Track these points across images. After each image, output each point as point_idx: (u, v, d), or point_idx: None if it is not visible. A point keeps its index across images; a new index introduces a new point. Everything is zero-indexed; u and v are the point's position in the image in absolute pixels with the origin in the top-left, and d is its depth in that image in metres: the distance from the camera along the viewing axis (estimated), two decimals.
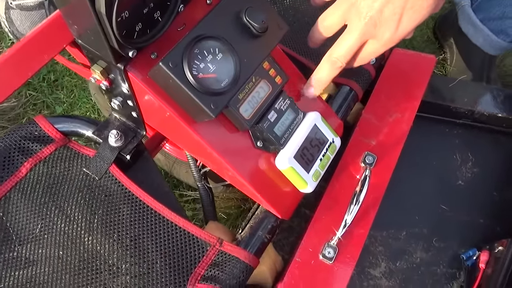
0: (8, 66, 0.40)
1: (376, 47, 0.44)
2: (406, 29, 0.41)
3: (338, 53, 0.44)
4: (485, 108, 0.69)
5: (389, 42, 0.43)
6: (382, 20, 0.40)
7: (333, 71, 0.46)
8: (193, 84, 0.39)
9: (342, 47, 0.44)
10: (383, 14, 0.40)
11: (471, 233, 0.64)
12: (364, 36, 0.43)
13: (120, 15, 0.34)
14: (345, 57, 0.44)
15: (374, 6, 0.40)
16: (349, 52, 0.44)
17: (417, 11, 0.40)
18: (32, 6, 0.96)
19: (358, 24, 0.42)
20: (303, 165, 0.48)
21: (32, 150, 0.51)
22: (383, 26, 0.41)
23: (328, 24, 0.45)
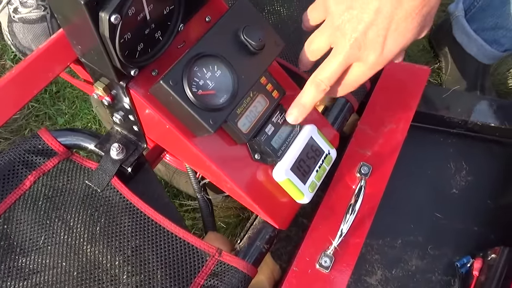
0: (14, 85, 0.41)
1: (362, 70, 0.43)
2: (391, 52, 0.41)
3: (322, 75, 0.44)
4: (478, 118, 0.70)
5: (375, 64, 0.42)
6: (366, 42, 0.40)
7: (317, 94, 0.45)
8: (192, 100, 0.40)
9: (327, 69, 0.43)
10: (367, 36, 0.40)
11: (466, 241, 0.65)
12: (349, 59, 0.42)
13: (123, 37, 0.35)
14: (329, 79, 0.44)
15: (358, 28, 0.40)
16: (334, 74, 0.43)
17: (401, 33, 0.39)
18: (34, 19, 0.97)
19: (343, 46, 0.41)
20: (299, 177, 0.49)
21: (35, 163, 0.53)
22: (368, 48, 0.40)
23: (315, 48, 0.45)
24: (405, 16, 0.38)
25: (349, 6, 0.40)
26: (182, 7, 0.41)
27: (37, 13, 0.97)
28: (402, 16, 0.38)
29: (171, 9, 0.40)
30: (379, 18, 0.39)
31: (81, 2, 0.31)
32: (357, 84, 0.45)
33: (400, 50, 0.41)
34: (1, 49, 1.06)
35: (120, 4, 0.32)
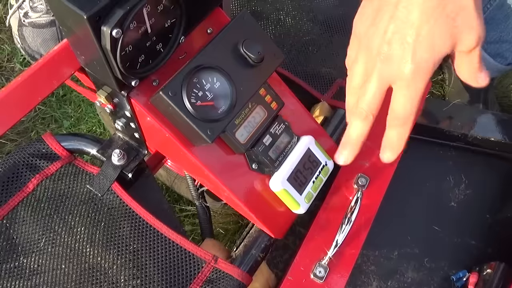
0: (20, 91, 0.42)
1: (403, 92, 0.38)
2: (424, 60, 0.36)
3: (362, 103, 0.40)
4: (478, 131, 0.70)
5: (412, 79, 0.37)
6: (393, 53, 0.37)
7: (363, 124, 0.42)
8: (191, 111, 0.41)
9: (365, 95, 0.40)
10: (392, 46, 0.37)
11: (462, 255, 0.65)
12: (382, 75, 0.38)
13: (124, 49, 0.36)
14: (370, 105, 0.40)
15: (382, 41, 0.37)
16: (374, 98, 0.40)
17: (426, 38, 0.36)
18: (44, 24, 1.00)
19: (373, 64, 0.38)
20: (296, 187, 0.50)
21: (39, 166, 0.54)
22: (397, 60, 0.37)
23: (356, 83, 0.41)
24: (426, 19, 0.35)
25: (372, 23, 0.39)
26: (183, 20, 0.42)
27: (46, 18, 1.00)
28: (423, 18, 0.35)
29: (173, 22, 0.41)
30: (399, 25, 0.36)
31: (84, 17, 0.32)
32: (406, 113, 0.40)
33: (434, 59, 0.37)
34: (11, 52, 1.08)
35: (122, 18, 0.34)
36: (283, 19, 0.87)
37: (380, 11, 0.38)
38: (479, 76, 0.40)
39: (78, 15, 0.32)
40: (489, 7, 0.96)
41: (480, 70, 0.39)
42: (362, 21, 0.40)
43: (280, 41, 0.83)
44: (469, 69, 0.39)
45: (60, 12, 0.35)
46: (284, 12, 0.88)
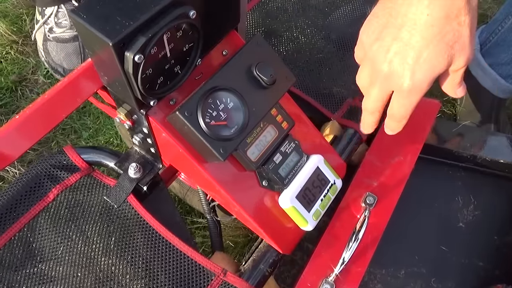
0: (45, 108, 0.45)
1: (399, 100, 0.44)
2: (420, 80, 0.41)
3: (366, 104, 0.48)
4: (487, 153, 0.71)
5: (408, 93, 0.42)
6: (393, 70, 0.42)
7: (373, 117, 0.49)
8: (205, 130, 0.43)
9: (368, 99, 0.47)
10: (393, 64, 0.41)
11: (470, 276, 0.65)
12: (383, 87, 0.44)
13: (145, 72, 0.39)
14: (373, 107, 0.47)
15: (386, 58, 0.42)
16: (376, 102, 0.46)
17: (426, 61, 0.40)
18: (67, 38, 1.04)
19: (376, 76, 0.44)
20: (304, 205, 0.51)
21: (59, 177, 0.56)
22: (397, 77, 0.42)
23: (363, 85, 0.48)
24: (427, 44, 0.39)
25: (377, 38, 0.42)
26: (200, 44, 0.44)
27: (70, 33, 1.04)
28: (423, 43, 0.39)
29: (190, 46, 0.43)
30: (401, 47, 0.40)
31: (109, 44, 0.34)
32: (400, 115, 0.46)
33: (430, 79, 0.41)
34: (35, 65, 1.13)
35: (144, 45, 0.36)
36: (297, 36, 0.89)
37: (386, 28, 0.42)
38: (458, 89, 0.45)
39: (103, 41, 0.35)
40: (500, 29, 0.97)
41: (460, 84, 0.45)
42: (368, 33, 0.44)
43: (293, 59, 0.85)
44: (452, 83, 0.44)
45: (86, 36, 0.37)
46: (298, 30, 0.90)
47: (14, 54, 1.12)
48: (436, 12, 0.38)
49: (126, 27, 0.35)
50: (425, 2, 0.38)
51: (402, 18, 0.40)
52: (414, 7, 0.39)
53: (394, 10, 0.41)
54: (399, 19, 0.40)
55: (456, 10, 0.38)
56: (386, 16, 0.41)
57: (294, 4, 0.92)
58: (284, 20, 0.90)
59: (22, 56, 1.13)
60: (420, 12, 0.39)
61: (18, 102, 1.06)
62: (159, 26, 0.37)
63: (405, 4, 0.40)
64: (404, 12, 0.40)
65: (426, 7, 0.38)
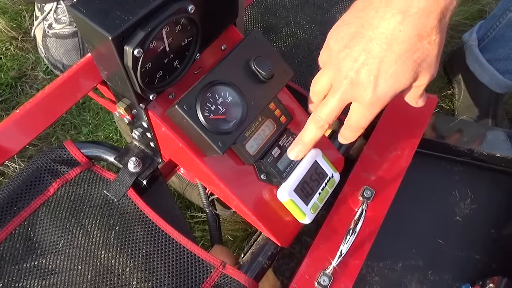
0: (45, 102, 0.46)
1: (360, 110, 0.44)
2: (384, 93, 0.41)
3: (321, 112, 0.45)
4: (484, 147, 0.71)
5: (370, 105, 0.42)
6: (359, 81, 0.41)
7: (317, 131, 0.47)
8: (204, 124, 0.44)
9: (326, 107, 0.45)
10: (359, 75, 0.41)
11: (466, 268, 0.66)
12: (345, 96, 0.43)
13: (144, 66, 0.39)
14: (327, 116, 0.45)
15: (352, 67, 0.41)
16: (332, 112, 0.45)
17: (393, 76, 0.40)
18: (67, 34, 1.04)
19: (339, 83, 0.42)
20: (302, 198, 0.52)
21: (60, 172, 0.57)
22: (361, 88, 0.41)
23: (319, 89, 0.47)
24: (395, 59, 0.39)
25: (345, 45, 0.41)
26: (199, 38, 0.44)
27: (69, 29, 1.04)
28: (392, 58, 0.39)
29: (189, 41, 0.44)
30: (370, 59, 0.40)
31: (108, 37, 0.35)
32: (359, 125, 0.45)
33: (394, 93, 0.41)
34: (35, 61, 1.13)
35: (143, 39, 0.36)
36: (295, 32, 0.89)
37: (356, 38, 0.41)
38: (419, 101, 0.46)
39: (103, 35, 0.35)
40: (498, 25, 0.97)
41: (420, 96, 0.46)
42: (337, 39, 0.43)
43: (291, 54, 0.85)
44: (414, 96, 0.45)
45: (86, 31, 0.38)
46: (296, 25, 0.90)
47: (13, 50, 1.12)
48: (408, 30, 0.38)
49: (126, 21, 0.35)
50: (398, 18, 0.38)
51: (373, 31, 0.39)
52: (386, 21, 0.38)
53: (366, 21, 0.40)
54: (370, 31, 0.40)
55: (429, 29, 0.38)
56: (357, 25, 0.41)
57: (293, 0, 0.92)
58: (282, 15, 0.90)
59: (22, 52, 1.13)
60: (392, 27, 0.38)
61: (18, 98, 1.07)
62: (158, 20, 0.37)
63: (377, 17, 0.39)
64: (376, 25, 0.39)
65: (399, 23, 0.38)
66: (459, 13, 1.29)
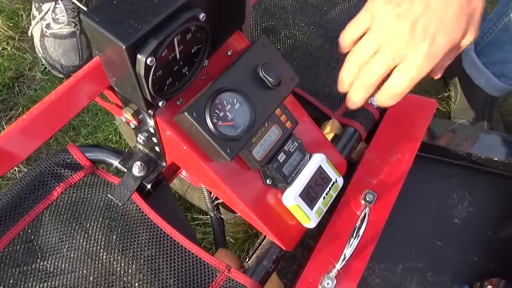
0: (53, 108, 0.45)
1: (408, 71, 0.42)
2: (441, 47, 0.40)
3: (369, 76, 0.44)
4: (482, 151, 0.73)
5: (422, 64, 0.41)
6: (415, 35, 0.40)
7: (367, 94, 0.46)
8: (212, 131, 0.44)
9: (375, 69, 0.43)
10: (415, 29, 0.40)
11: (465, 270, 0.67)
12: (397, 55, 0.42)
13: (155, 74, 0.39)
14: (376, 79, 0.44)
15: (407, 22, 0.40)
16: (381, 74, 0.43)
17: (449, 28, 0.39)
18: (65, 35, 1.04)
19: (391, 43, 0.41)
20: (307, 203, 0.52)
21: (63, 175, 0.57)
22: (416, 43, 0.40)
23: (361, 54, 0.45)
24: (454, 12, 0.39)
25: (398, 4, 0.41)
26: (208, 45, 0.45)
27: (67, 29, 1.04)
28: (452, 10, 0.39)
29: (199, 48, 0.44)
30: (428, 12, 0.39)
31: (122, 46, 0.35)
32: (403, 89, 0.43)
33: (449, 48, 0.41)
34: (33, 61, 1.12)
35: (156, 48, 0.37)
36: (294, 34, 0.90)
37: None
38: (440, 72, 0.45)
39: (116, 44, 0.35)
40: (494, 29, 0.98)
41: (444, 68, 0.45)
42: (386, 2, 0.42)
43: (290, 56, 0.86)
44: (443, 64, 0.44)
45: (97, 39, 0.38)
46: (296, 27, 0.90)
47: (10, 50, 1.11)
48: None
49: (139, 30, 0.36)
50: None
51: None
52: None
53: None
54: None
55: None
56: None
57: (292, 2, 0.92)
58: (281, 17, 0.90)
59: (19, 52, 1.12)
60: None
61: (16, 99, 1.06)
62: (171, 29, 0.37)
63: None
64: None
65: None
66: None
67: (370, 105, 0.70)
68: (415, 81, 0.43)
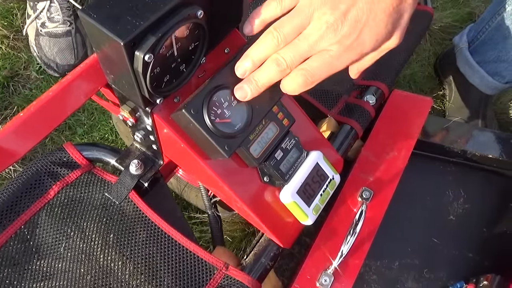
0: (50, 106, 0.45)
1: (327, 59, 0.41)
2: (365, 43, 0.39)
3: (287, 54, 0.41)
4: (477, 148, 0.73)
5: (342, 54, 0.40)
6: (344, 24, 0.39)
7: (277, 74, 0.43)
8: (210, 128, 0.44)
9: (295, 50, 0.41)
10: (347, 17, 0.38)
11: (460, 266, 0.68)
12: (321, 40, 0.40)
13: (153, 71, 0.39)
14: (293, 62, 0.41)
15: (339, 8, 0.38)
16: (300, 57, 0.41)
17: (377, 25, 0.38)
18: (60, 33, 1.03)
19: (318, 27, 0.39)
20: (304, 200, 0.53)
21: (60, 174, 0.57)
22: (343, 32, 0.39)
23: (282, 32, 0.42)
24: (383, 9, 0.38)
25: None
26: (206, 42, 0.45)
27: (63, 28, 1.03)
28: (381, 8, 0.38)
29: (196, 45, 0.44)
30: (360, 2, 0.38)
31: (120, 43, 0.35)
32: (318, 77, 0.42)
33: (373, 46, 0.40)
34: (27, 60, 1.11)
35: (154, 44, 0.37)
36: None
37: None
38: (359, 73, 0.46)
39: (114, 41, 0.35)
40: (487, 28, 0.99)
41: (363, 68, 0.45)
42: None
43: None
44: (365, 64, 0.44)
45: (95, 36, 0.38)
46: None
47: (5, 49, 1.10)
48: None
49: (137, 27, 0.36)
50: None
51: None
52: None
53: None
54: None
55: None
56: None
57: None
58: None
59: (14, 51, 1.11)
60: None
61: (10, 98, 1.05)
62: (169, 25, 0.37)
63: None
64: None
65: None
66: (449, 15, 1.32)
67: (366, 103, 0.70)
68: (330, 70, 0.41)
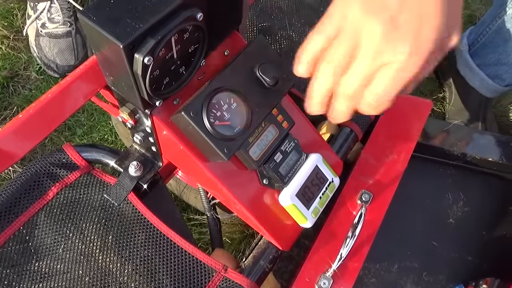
0: (50, 107, 0.45)
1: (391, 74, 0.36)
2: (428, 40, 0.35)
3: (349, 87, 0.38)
4: (477, 152, 0.73)
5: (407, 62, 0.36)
6: (398, 30, 0.35)
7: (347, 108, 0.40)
8: (209, 130, 0.44)
9: (354, 77, 0.38)
10: (398, 21, 0.35)
11: (459, 269, 0.68)
12: (378, 55, 0.36)
13: (152, 73, 0.39)
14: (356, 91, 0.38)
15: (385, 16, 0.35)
16: (362, 82, 0.38)
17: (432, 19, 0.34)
18: (60, 34, 1.03)
19: (370, 43, 0.36)
20: (304, 202, 0.53)
21: (59, 175, 0.57)
22: (400, 38, 0.35)
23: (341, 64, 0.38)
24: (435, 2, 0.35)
25: (372, 1, 0.35)
26: (205, 44, 0.45)
27: (63, 28, 1.03)
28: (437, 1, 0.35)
29: (196, 47, 0.44)
30: (409, 1, 0.34)
31: (120, 46, 0.35)
32: (388, 96, 0.38)
33: (436, 43, 0.36)
34: (27, 61, 1.11)
35: (153, 47, 0.37)
36: (290, 34, 0.90)
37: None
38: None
39: (114, 43, 0.35)
40: (488, 31, 0.99)
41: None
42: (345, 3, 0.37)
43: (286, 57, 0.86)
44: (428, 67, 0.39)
45: (95, 38, 0.38)
46: (292, 28, 0.91)
47: (5, 49, 1.10)
48: None
49: (136, 29, 0.36)
50: None
51: None
52: None
53: None
54: None
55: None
56: None
57: (289, 3, 0.93)
58: (278, 18, 0.91)
59: (14, 51, 1.11)
60: None
61: (10, 98, 1.05)
62: (168, 28, 0.37)
63: None
64: None
65: None
66: None
67: None
68: (400, 84, 0.37)
